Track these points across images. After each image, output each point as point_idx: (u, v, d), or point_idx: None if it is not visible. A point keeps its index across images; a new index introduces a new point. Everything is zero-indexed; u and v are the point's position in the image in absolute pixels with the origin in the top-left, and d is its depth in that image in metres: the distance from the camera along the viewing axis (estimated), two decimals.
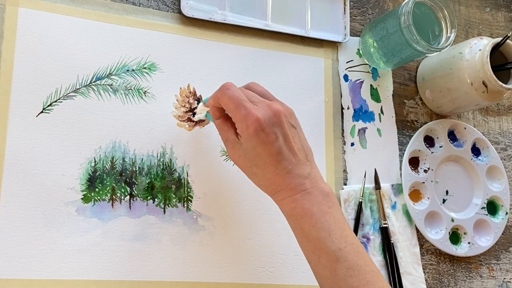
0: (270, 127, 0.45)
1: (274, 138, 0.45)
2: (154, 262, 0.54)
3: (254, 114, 0.45)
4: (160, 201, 0.55)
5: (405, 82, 0.71)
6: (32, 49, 0.53)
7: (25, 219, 0.51)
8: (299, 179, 0.46)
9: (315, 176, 0.47)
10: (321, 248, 0.44)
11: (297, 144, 0.47)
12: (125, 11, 0.58)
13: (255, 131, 0.45)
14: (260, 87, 0.51)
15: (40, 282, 0.50)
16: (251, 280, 0.57)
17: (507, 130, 0.76)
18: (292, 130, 0.47)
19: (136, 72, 0.57)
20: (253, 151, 0.46)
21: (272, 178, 0.46)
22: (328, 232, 0.44)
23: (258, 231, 0.58)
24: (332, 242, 0.44)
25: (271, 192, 0.47)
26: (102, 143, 0.54)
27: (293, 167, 0.46)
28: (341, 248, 0.44)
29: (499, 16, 0.80)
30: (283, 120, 0.46)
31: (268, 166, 0.46)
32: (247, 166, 0.48)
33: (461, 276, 0.67)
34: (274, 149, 0.45)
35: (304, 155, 0.47)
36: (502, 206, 0.70)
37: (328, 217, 0.45)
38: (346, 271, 0.43)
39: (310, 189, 0.46)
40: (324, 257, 0.44)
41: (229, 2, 0.62)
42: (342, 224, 0.45)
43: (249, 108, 0.46)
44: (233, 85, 0.48)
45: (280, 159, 0.45)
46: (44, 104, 0.53)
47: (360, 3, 0.70)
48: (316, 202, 0.45)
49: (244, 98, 0.47)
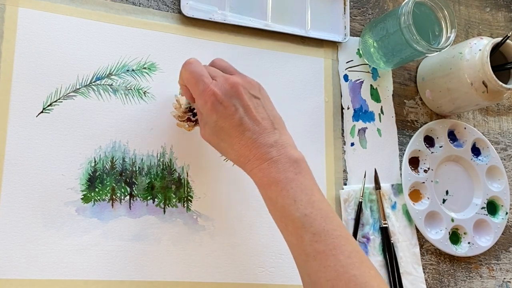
0: (228, 99, 0.46)
1: (234, 110, 0.46)
2: (154, 262, 0.54)
3: (211, 89, 0.46)
4: (160, 201, 0.55)
5: (405, 82, 0.71)
6: (32, 49, 0.53)
7: (25, 219, 0.51)
8: (264, 148, 0.45)
9: (283, 143, 0.46)
10: (287, 216, 0.44)
11: (261, 113, 0.47)
12: (125, 11, 0.58)
13: (212, 105, 0.46)
14: (223, 62, 0.51)
15: (40, 282, 0.50)
16: (251, 280, 0.57)
17: (507, 130, 0.76)
18: (253, 101, 0.47)
19: (136, 72, 0.57)
20: (215, 125, 0.47)
21: (239, 149, 0.46)
22: (294, 199, 0.44)
23: (258, 231, 0.58)
24: (297, 209, 0.43)
25: (241, 164, 0.48)
26: (102, 143, 0.54)
27: (257, 137, 0.46)
28: (307, 214, 0.43)
29: (499, 16, 0.80)
30: (241, 92, 0.46)
31: (233, 139, 0.46)
32: (216, 142, 0.49)
33: (461, 276, 0.67)
34: (235, 120, 0.46)
35: (269, 123, 0.47)
36: (502, 206, 0.70)
37: (294, 184, 0.44)
38: (312, 236, 0.43)
39: (276, 157, 0.45)
40: (290, 224, 0.44)
41: (229, 2, 0.62)
42: (309, 190, 0.45)
43: (207, 83, 0.46)
44: (196, 60, 0.49)
45: (242, 129, 0.46)
46: (44, 104, 0.53)
47: (360, 3, 0.70)
48: (282, 170, 0.45)
49: (204, 73, 0.47)
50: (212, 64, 0.51)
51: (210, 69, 0.49)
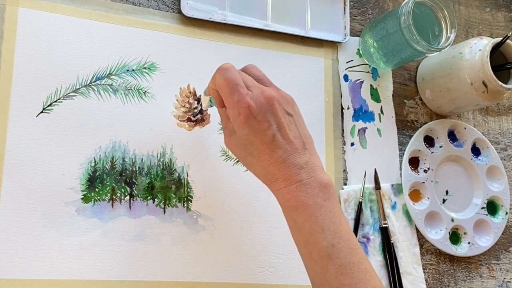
0: (262, 114, 0.44)
1: (267, 126, 0.44)
2: (154, 262, 0.54)
3: (246, 101, 0.43)
4: (160, 201, 0.55)
5: (405, 82, 0.71)
6: (32, 49, 0.53)
7: (25, 219, 0.51)
8: (294, 169, 0.44)
9: (313, 166, 0.45)
10: (313, 243, 0.43)
11: (293, 132, 0.45)
12: (125, 11, 0.58)
13: (246, 118, 0.44)
14: (257, 71, 0.48)
15: (40, 282, 0.50)
16: (251, 280, 0.57)
17: (507, 130, 0.76)
18: (287, 118, 0.45)
19: (136, 72, 0.57)
20: (246, 139, 0.45)
21: (267, 167, 0.45)
22: (322, 227, 0.43)
23: (258, 231, 0.58)
24: (325, 238, 0.42)
25: (267, 182, 0.46)
26: (102, 143, 0.54)
27: (288, 156, 0.44)
28: (334, 245, 0.42)
29: (499, 16, 0.80)
30: (276, 107, 0.44)
31: (263, 155, 0.44)
32: (243, 155, 0.47)
33: (461, 276, 0.67)
34: (267, 137, 0.44)
35: (301, 143, 0.45)
36: (502, 206, 0.70)
37: (323, 211, 0.43)
38: (338, 268, 0.42)
39: (306, 180, 0.44)
40: (316, 253, 0.43)
41: (229, 2, 0.62)
42: (337, 218, 0.43)
43: (242, 93, 0.44)
44: (232, 66, 0.46)
45: (274, 147, 0.44)
46: (44, 104, 0.53)
47: (360, 3, 0.70)
48: (312, 194, 0.43)
49: (240, 82, 0.45)
50: (246, 70, 0.48)
51: (245, 77, 0.46)
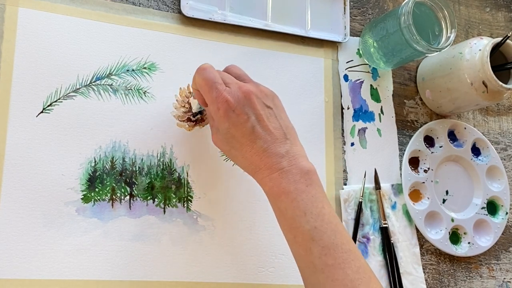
0: (240, 107, 0.46)
1: (246, 119, 0.46)
2: (154, 262, 0.54)
3: (224, 96, 0.46)
4: (160, 201, 0.55)
5: (405, 82, 0.71)
6: (32, 49, 0.53)
7: (25, 219, 0.51)
8: (275, 158, 0.45)
9: (295, 154, 0.46)
10: (296, 227, 0.44)
11: (273, 123, 0.47)
12: (125, 11, 0.58)
13: (225, 112, 0.46)
14: (237, 69, 0.51)
15: (40, 282, 0.50)
16: (251, 280, 0.57)
17: (507, 130, 0.76)
18: (266, 110, 0.47)
19: (136, 72, 0.57)
20: (227, 133, 0.47)
21: (250, 158, 0.46)
22: (304, 211, 0.44)
23: (258, 231, 0.58)
24: (307, 222, 0.44)
25: (251, 172, 0.48)
26: (102, 143, 0.54)
27: (268, 146, 0.46)
28: (317, 227, 0.43)
29: (499, 16, 0.80)
30: (254, 101, 0.46)
31: (245, 147, 0.46)
32: (227, 149, 0.49)
33: (461, 276, 0.67)
34: (247, 129, 0.46)
35: (281, 134, 0.47)
36: (502, 206, 0.70)
37: (305, 196, 0.44)
38: (321, 249, 0.43)
39: (287, 168, 0.45)
40: (300, 236, 0.44)
41: (229, 2, 0.62)
42: (320, 202, 0.45)
43: (220, 90, 0.46)
44: (210, 66, 0.49)
45: (254, 138, 0.46)
46: (44, 104, 0.53)
47: (360, 3, 0.70)
48: (293, 181, 0.45)
49: (218, 80, 0.47)
50: (226, 70, 0.51)
51: (224, 76, 0.49)
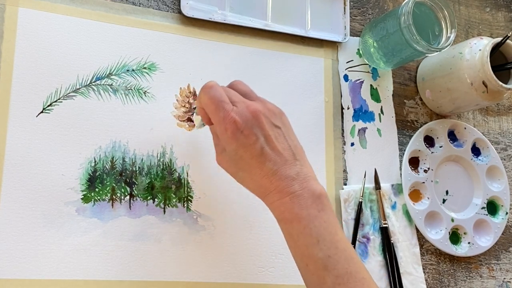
0: (248, 128, 0.44)
1: (254, 140, 0.44)
2: (154, 262, 0.54)
3: (232, 116, 0.44)
4: (160, 201, 0.55)
5: (405, 82, 0.71)
6: (32, 49, 0.53)
7: (25, 219, 0.51)
8: (286, 181, 0.44)
9: (305, 176, 0.45)
10: (309, 256, 0.43)
11: (282, 143, 0.45)
12: (125, 11, 0.58)
13: (233, 133, 0.44)
14: (243, 86, 0.49)
15: (40, 282, 0.50)
16: (251, 280, 0.57)
17: (507, 130, 0.76)
18: (274, 130, 0.45)
19: (136, 72, 0.57)
20: (235, 154, 0.45)
21: (259, 180, 0.45)
22: (317, 239, 0.42)
23: (258, 231, 0.58)
24: (320, 249, 0.42)
25: (261, 195, 0.46)
26: (102, 143, 0.54)
27: (278, 168, 0.44)
28: (330, 256, 0.42)
29: (499, 16, 0.80)
30: (262, 121, 0.44)
31: (254, 169, 0.44)
32: (234, 171, 0.47)
33: (461, 276, 0.67)
34: (256, 150, 0.44)
35: (291, 154, 0.45)
36: (502, 206, 0.70)
37: (318, 222, 0.43)
38: (335, 279, 0.41)
39: (299, 191, 0.43)
40: (312, 265, 0.42)
41: (229, 2, 0.62)
42: (333, 228, 0.43)
43: (227, 109, 0.44)
44: (216, 84, 0.47)
45: (263, 160, 0.44)
46: (44, 104, 0.53)
47: (360, 3, 0.70)
48: (305, 206, 0.43)
49: (224, 98, 0.45)
50: (232, 86, 0.49)
51: (230, 93, 0.47)
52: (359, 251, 0.62)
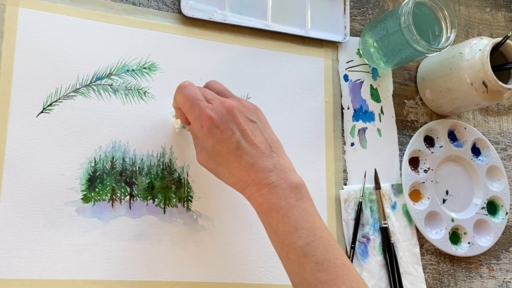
0: (224, 123, 0.45)
1: (230, 134, 0.45)
2: (154, 262, 0.54)
3: (207, 113, 0.45)
4: (160, 201, 0.55)
5: (405, 82, 0.71)
6: (32, 49, 0.53)
7: (25, 219, 0.51)
8: (263, 173, 0.45)
9: (283, 168, 0.45)
10: (289, 244, 0.43)
11: (258, 137, 0.46)
12: (125, 11, 0.58)
13: (209, 129, 0.45)
14: (218, 85, 0.51)
15: (40, 282, 0.50)
16: (251, 280, 0.57)
17: (507, 130, 0.76)
18: (250, 124, 0.47)
19: (136, 72, 0.57)
20: (213, 150, 0.46)
21: (237, 174, 0.46)
22: (295, 227, 0.43)
23: (258, 231, 0.58)
24: (299, 237, 0.43)
25: (240, 189, 0.47)
26: (102, 143, 0.54)
27: (255, 160, 0.45)
28: (309, 243, 0.43)
29: (499, 16, 0.80)
30: (237, 116, 0.46)
31: (231, 163, 0.46)
32: (213, 167, 0.48)
33: (461, 276, 0.67)
34: (232, 144, 0.45)
35: (267, 147, 0.46)
36: (502, 206, 0.70)
37: (296, 211, 0.44)
38: (315, 265, 0.42)
39: (276, 182, 0.44)
40: (292, 253, 0.43)
41: (229, 2, 0.62)
42: (311, 217, 0.44)
43: (202, 107, 0.46)
44: (190, 84, 0.48)
45: (240, 153, 0.45)
46: (44, 104, 0.53)
47: (360, 3, 0.70)
48: (283, 196, 0.44)
49: (199, 97, 0.47)
50: (207, 86, 0.51)
51: (205, 92, 0.48)
52: (359, 251, 0.62)
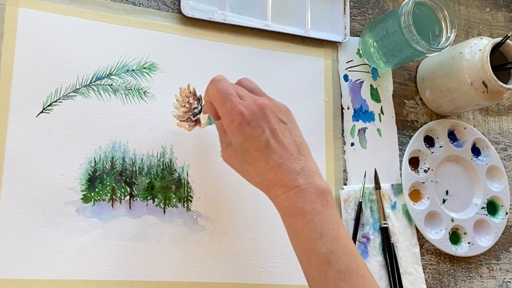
0: (255, 121, 0.45)
1: (260, 132, 0.45)
2: (154, 262, 0.54)
3: (239, 109, 0.45)
4: (160, 201, 0.55)
5: (405, 82, 0.71)
6: (32, 49, 0.53)
7: (25, 219, 0.51)
8: (291, 175, 0.44)
9: (310, 172, 0.45)
10: (312, 250, 0.43)
11: (287, 138, 0.46)
12: (125, 11, 0.58)
13: (239, 125, 0.45)
14: (251, 83, 0.50)
15: (40, 282, 0.50)
16: (251, 280, 0.57)
17: (507, 130, 0.76)
18: (281, 125, 0.46)
19: (136, 72, 0.57)
20: (241, 147, 0.45)
21: (264, 173, 0.45)
22: (320, 234, 0.43)
23: (258, 231, 0.58)
24: (323, 244, 0.43)
25: (265, 189, 0.46)
26: (102, 143, 0.54)
27: (284, 161, 0.44)
28: (333, 251, 0.42)
29: (499, 16, 0.80)
30: (268, 114, 0.45)
31: (259, 162, 0.45)
32: (239, 164, 0.47)
33: (461, 276, 0.67)
34: (261, 143, 0.44)
35: (296, 149, 0.46)
36: (502, 206, 0.70)
37: (321, 217, 0.43)
38: (337, 274, 0.42)
39: (303, 186, 0.44)
40: (315, 259, 0.43)
41: (229, 2, 0.62)
42: (336, 224, 0.44)
43: (234, 102, 0.45)
44: (224, 78, 0.48)
45: (269, 152, 0.44)
46: (44, 104, 0.53)
47: (360, 3, 0.70)
48: (309, 201, 0.43)
49: (232, 92, 0.46)
50: (239, 83, 0.50)
51: (238, 89, 0.48)
52: (359, 251, 0.62)
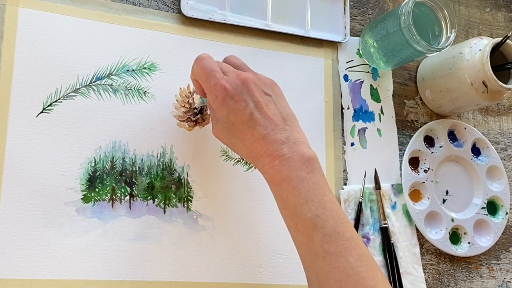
0: (238, 94, 0.46)
1: (244, 105, 0.46)
2: (154, 262, 0.54)
3: (222, 84, 0.46)
4: (160, 201, 0.55)
5: (405, 82, 0.71)
6: (32, 49, 0.53)
7: (25, 219, 0.51)
8: (276, 145, 0.45)
9: (296, 141, 0.46)
10: (298, 215, 0.44)
11: (272, 110, 0.47)
12: (125, 11, 0.58)
13: (223, 99, 0.46)
14: (236, 59, 0.51)
15: (40, 282, 0.50)
16: (251, 280, 0.57)
17: (507, 130, 0.76)
18: (265, 97, 0.47)
19: (136, 72, 0.57)
20: (226, 121, 0.47)
21: (250, 145, 0.46)
22: (305, 199, 0.44)
23: (258, 231, 0.58)
24: (309, 209, 0.43)
25: (252, 160, 0.47)
26: (102, 143, 0.54)
27: (268, 132, 0.46)
28: (318, 215, 0.43)
29: (499, 16, 0.80)
30: (252, 88, 0.47)
31: (245, 134, 0.46)
32: (227, 138, 0.49)
33: (461, 276, 0.67)
34: (246, 115, 0.46)
35: (281, 120, 0.47)
36: (502, 206, 0.70)
37: (306, 183, 0.44)
38: (323, 237, 0.42)
39: (288, 154, 0.45)
40: (301, 224, 0.44)
41: (229, 2, 0.62)
42: (322, 190, 0.44)
43: (218, 77, 0.47)
44: (208, 56, 0.49)
45: (253, 124, 0.46)
46: (44, 104, 0.53)
47: (360, 3, 0.70)
48: (294, 168, 0.44)
49: (216, 68, 0.48)
50: (225, 60, 0.52)
51: (222, 65, 0.49)
52: None
